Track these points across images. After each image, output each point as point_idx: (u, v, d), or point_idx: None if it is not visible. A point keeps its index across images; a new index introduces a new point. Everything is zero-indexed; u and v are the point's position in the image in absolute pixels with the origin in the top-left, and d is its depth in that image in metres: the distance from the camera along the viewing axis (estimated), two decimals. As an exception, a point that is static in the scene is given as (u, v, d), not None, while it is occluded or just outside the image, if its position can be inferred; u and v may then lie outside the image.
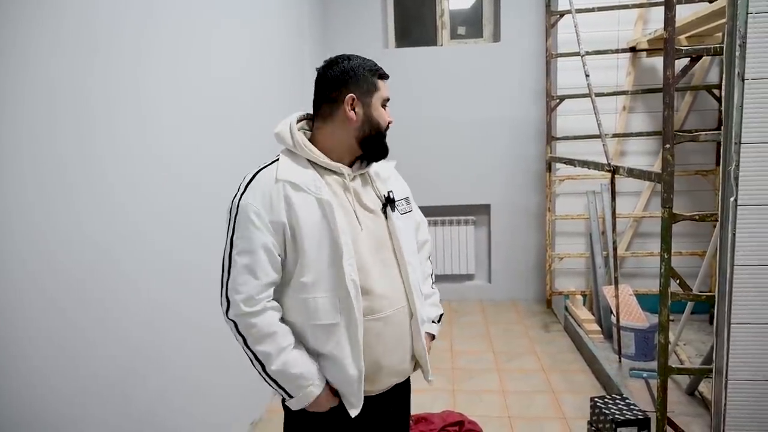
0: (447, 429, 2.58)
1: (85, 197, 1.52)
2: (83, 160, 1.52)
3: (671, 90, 2.04)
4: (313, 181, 1.27)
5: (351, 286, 1.24)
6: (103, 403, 1.56)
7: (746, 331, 1.87)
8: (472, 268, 4.67)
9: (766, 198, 1.81)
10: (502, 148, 4.52)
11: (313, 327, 1.27)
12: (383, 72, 1.38)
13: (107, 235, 1.61)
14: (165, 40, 1.97)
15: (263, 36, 3.04)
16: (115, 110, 1.67)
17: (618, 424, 2.22)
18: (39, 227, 1.35)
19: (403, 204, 1.45)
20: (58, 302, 1.41)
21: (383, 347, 1.31)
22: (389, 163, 1.49)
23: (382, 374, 1.33)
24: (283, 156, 1.33)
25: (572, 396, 2.95)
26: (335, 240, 1.24)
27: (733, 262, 1.85)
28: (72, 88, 1.48)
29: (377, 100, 1.34)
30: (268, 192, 1.24)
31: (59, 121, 1.44)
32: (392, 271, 1.35)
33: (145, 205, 1.81)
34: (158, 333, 1.86)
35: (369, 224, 1.33)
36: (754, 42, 1.75)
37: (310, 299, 1.25)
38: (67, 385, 1.43)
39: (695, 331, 3.60)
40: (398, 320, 1.34)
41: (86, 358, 1.50)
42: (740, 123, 1.78)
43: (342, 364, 1.26)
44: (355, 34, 4.51)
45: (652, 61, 3.87)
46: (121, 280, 1.67)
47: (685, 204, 3.91)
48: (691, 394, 2.78)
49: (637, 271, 4.06)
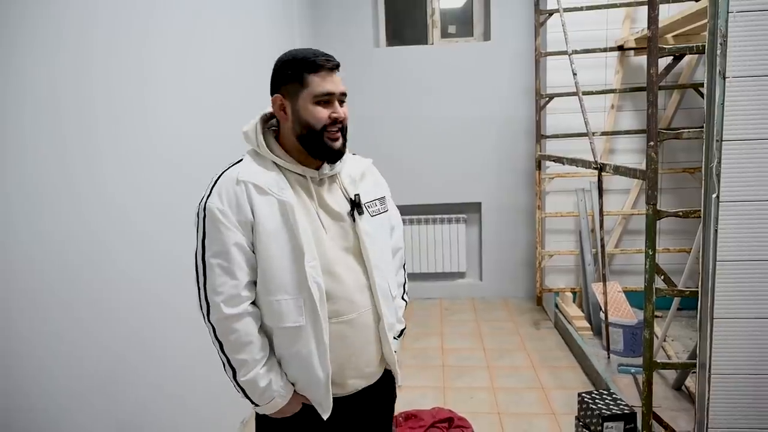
0: (437, 426, 2.60)
1: (87, 194, 1.58)
2: (86, 158, 1.57)
3: (655, 88, 2.07)
4: (275, 182, 1.26)
5: (315, 288, 1.23)
6: (99, 393, 1.60)
7: (728, 326, 1.90)
8: (463, 266, 4.69)
9: (748, 195, 1.83)
10: (492, 146, 4.54)
11: (279, 330, 1.26)
12: (321, 63, 1.25)
13: (110, 234, 1.68)
14: (169, 41, 2.05)
15: (254, 37, 3.05)
16: (116, 108, 1.72)
17: (605, 419, 2.24)
18: (43, 223, 1.40)
19: (376, 205, 1.41)
20: (61, 296, 1.46)
21: (348, 350, 1.31)
22: (364, 161, 1.46)
23: (347, 377, 1.32)
24: (247, 156, 1.32)
25: (561, 392, 2.98)
26: (297, 242, 1.23)
27: (716, 258, 1.87)
28: (75, 87, 1.53)
29: (306, 97, 1.26)
30: (233, 192, 1.23)
31: (62, 121, 1.48)
32: (358, 275, 1.32)
33: (147, 203, 1.87)
34: (155, 329, 1.91)
35: (334, 228, 1.31)
36: (735, 40, 1.77)
37: (274, 302, 1.24)
38: (66, 374, 1.47)
39: (683, 327, 3.64)
40: (364, 324, 1.32)
41: (84, 348, 1.55)
42: (722, 120, 1.80)
43: (309, 366, 1.26)
44: (346, 33, 4.52)
45: (640, 60, 3.90)
46: (122, 277, 1.74)
47: (673, 201, 3.95)
48: (678, 388, 2.81)
49: (626, 268, 4.10)
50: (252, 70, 2.97)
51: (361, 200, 1.35)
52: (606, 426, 2.25)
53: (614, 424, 2.25)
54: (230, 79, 2.66)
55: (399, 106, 4.51)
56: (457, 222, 4.65)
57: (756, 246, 1.84)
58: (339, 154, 1.32)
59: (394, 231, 1.52)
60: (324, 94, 1.26)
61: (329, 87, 1.26)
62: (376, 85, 4.52)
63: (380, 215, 1.41)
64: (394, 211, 1.53)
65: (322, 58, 1.26)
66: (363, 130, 4.35)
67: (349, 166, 1.40)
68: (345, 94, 1.31)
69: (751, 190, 1.82)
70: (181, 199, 2.05)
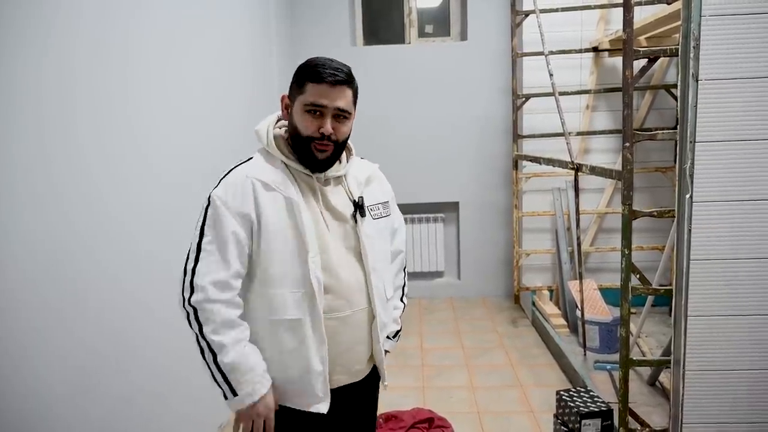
0: (417, 426, 2.60)
1: (70, 194, 1.60)
2: (68, 159, 1.61)
3: (630, 89, 2.10)
4: (282, 180, 1.29)
5: (315, 282, 1.26)
6: (81, 391, 1.63)
7: (702, 324, 1.94)
8: (442, 265, 4.71)
9: (720, 195, 1.87)
10: (470, 145, 4.56)
11: (276, 323, 1.27)
12: (323, 76, 1.24)
13: (92, 234, 1.71)
14: (151, 43, 2.07)
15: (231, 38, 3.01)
16: (101, 112, 1.76)
17: (582, 416, 2.27)
18: (26, 223, 1.43)
19: (379, 208, 1.44)
20: (45, 295, 1.49)
21: (338, 346, 1.33)
22: (371, 165, 1.50)
23: (334, 373, 1.34)
24: (257, 155, 1.35)
25: (539, 389, 3.01)
26: (301, 237, 1.26)
27: (689, 257, 1.91)
28: (58, 88, 1.56)
29: (299, 103, 1.28)
30: (240, 186, 1.26)
31: (46, 121, 1.51)
32: (357, 274, 1.35)
33: (127, 203, 1.89)
34: (135, 328, 1.92)
35: (337, 227, 1.34)
36: (707, 44, 1.80)
37: (277, 294, 1.26)
38: (50, 372, 1.50)
39: (657, 323, 3.71)
40: (356, 322, 1.35)
41: (68, 349, 1.57)
42: (695, 122, 1.84)
43: (307, 359, 1.28)
44: (323, 32, 4.49)
45: (614, 61, 3.97)
46: (103, 276, 1.75)
47: (646, 200, 4.03)
48: (653, 384, 2.87)
49: (601, 266, 4.16)
50: (228, 68, 2.93)
51: (365, 203, 1.39)
52: (584, 423, 2.28)
53: (591, 421, 2.28)
54: (209, 79, 2.63)
55: (376, 106, 4.50)
56: (435, 221, 4.66)
57: (728, 245, 1.89)
58: (322, 165, 1.32)
59: (397, 235, 1.57)
60: (312, 104, 1.26)
61: (322, 100, 1.25)
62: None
63: (382, 219, 1.45)
64: (398, 215, 1.58)
65: (328, 70, 1.25)
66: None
67: (355, 169, 1.43)
68: (345, 111, 1.29)
69: (723, 191, 1.86)
70: (160, 199, 2.08)
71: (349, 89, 1.29)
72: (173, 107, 2.24)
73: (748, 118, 1.83)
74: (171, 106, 2.22)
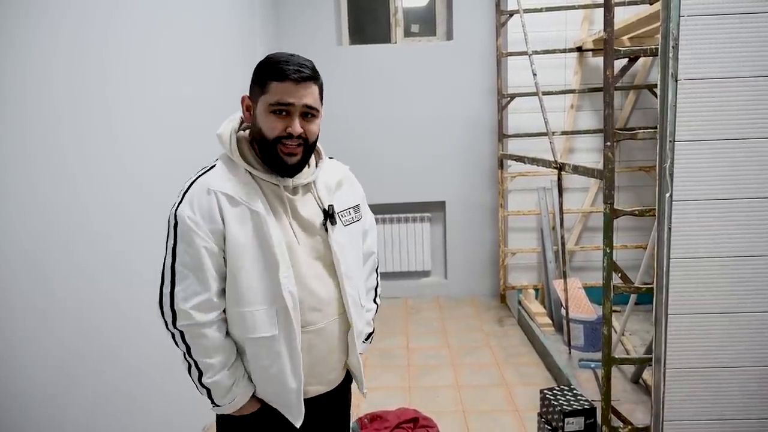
0: (402, 426, 2.59)
1: (48, 194, 1.60)
2: (47, 159, 1.59)
3: (611, 89, 2.11)
4: (246, 192, 1.21)
5: (289, 298, 1.21)
6: (61, 392, 1.63)
7: (682, 321, 1.95)
8: (428, 264, 4.71)
9: (700, 193, 1.89)
10: (455, 145, 4.57)
11: (251, 340, 1.23)
12: (287, 72, 1.16)
13: (71, 235, 1.70)
14: (131, 43, 2.06)
15: (214, 34, 2.98)
16: (80, 113, 1.76)
17: (566, 415, 2.28)
18: (11, 223, 1.45)
19: (350, 213, 1.38)
20: (28, 295, 1.51)
21: (313, 358, 1.29)
22: (342, 168, 1.42)
23: (308, 384, 1.31)
24: (220, 162, 1.26)
25: (525, 388, 3.02)
26: (271, 252, 1.20)
27: (670, 255, 1.92)
28: (38, 89, 1.56)
29: (262, 104, 1.19)
30: (205, 201, 1.18)
31: (27, 123, 1.51)
32: (329, 284, 1.30)
33: (104, 203, 1.89)
34: (111, 328, 1.91)
35: (306, 238, 1.28)
36: (686, 44, 1.82)
37: (247, 312, 1.21)
38: (34, 372, 1.52)
39: (640, 321, 3.74)
40: (331, 332, 1.31)
41: (47, 348, 1.58)
42: (674, 122, 1.85)
43: (282, 376, 1.24)
44: (308, 31, 4.46)
45: (598, 61, 3.99)
46: (81, 276, 1.75)
47: (631, 199, 4.06)
48: (636, 382, 2.89)
49: (585, 265, 4.19)
50: (210, 66, 2.90)
51: (335, 210, 1.32)
52: (567, 421, 2.29)
53: (575, 420, 2.29)
54: (190, 79, 2.60)
55: (362, 105, 4.49)
56: (422, 221, 4.66)
57: (708, 243, 1.90)
58: (293, 170, 1.24)
59: (367, 236, 1.51)
60: (278, 104, 1.18)
61: (288, 98, 1.17)
62: (339, 83, 4.48)
63: (353, 224, 1.39)
64: (368, 215, 1.52)
65: (292, 66, 1.17)
66: (325, 129, 4.30)
67: (325, 174, 1.36)
68: (314, 108, 1.22)
69: (702, 189, 1.88)
70: (133, 199, 2.06)
71: (315, 85, 1.22)
72: (152, 108, 2.21)
73: (727, 117, 1.85)
74: (150, 107, 2.19)
